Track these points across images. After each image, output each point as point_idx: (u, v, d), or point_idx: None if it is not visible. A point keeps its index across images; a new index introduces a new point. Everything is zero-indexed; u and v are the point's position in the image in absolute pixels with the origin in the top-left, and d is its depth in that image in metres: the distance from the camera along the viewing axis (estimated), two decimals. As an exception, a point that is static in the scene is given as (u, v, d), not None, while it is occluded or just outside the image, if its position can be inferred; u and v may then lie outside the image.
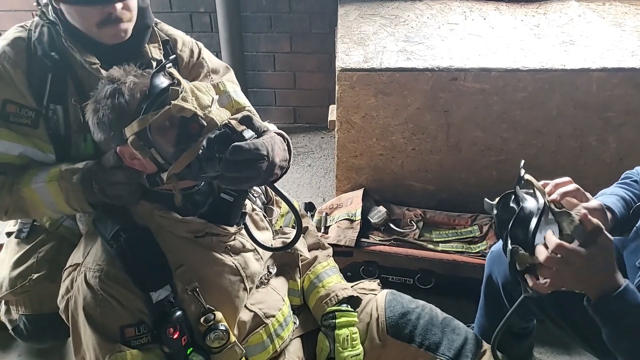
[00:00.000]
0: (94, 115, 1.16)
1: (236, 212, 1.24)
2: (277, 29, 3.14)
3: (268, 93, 3.37)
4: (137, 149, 1.10)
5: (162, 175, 1.14)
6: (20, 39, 1.36)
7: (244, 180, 1.08)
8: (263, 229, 1.37)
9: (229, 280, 1.23)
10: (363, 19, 2.51)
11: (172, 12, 3.10)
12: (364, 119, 2.19)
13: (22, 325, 1.63)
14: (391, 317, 1.39)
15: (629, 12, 2.45)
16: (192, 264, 1.19)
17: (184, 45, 1.57)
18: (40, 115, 1.34)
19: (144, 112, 1.09)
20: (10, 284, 1.55)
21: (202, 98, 1.13)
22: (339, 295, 1.43)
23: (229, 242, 1.24)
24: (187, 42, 1.57)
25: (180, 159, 1.09)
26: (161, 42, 1.51)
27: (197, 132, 1.10)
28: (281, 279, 1.42)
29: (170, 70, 1.17)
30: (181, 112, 1.09)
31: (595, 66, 1.99)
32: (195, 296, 1.18)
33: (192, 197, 1.23)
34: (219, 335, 1.17)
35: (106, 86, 1.14)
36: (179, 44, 1.57)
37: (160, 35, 1.51)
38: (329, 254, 1.60)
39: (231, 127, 1.09)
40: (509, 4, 2.63)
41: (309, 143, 3.29)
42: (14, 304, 1.61)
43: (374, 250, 2.05)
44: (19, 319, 1.63)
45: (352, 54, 2.17)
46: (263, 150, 1.07)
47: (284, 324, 1.33)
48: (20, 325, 1.63)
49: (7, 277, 1.55)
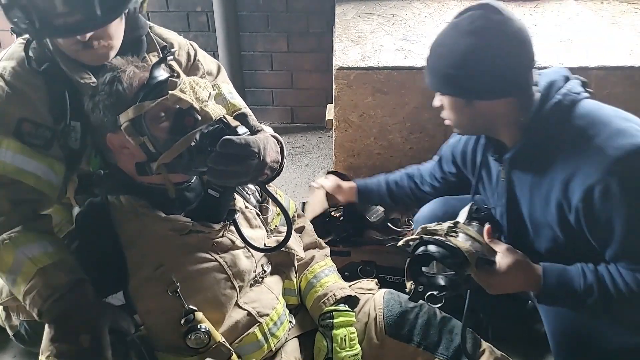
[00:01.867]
0: (91, 100, 1.16)
1: (223, 208, 1.24)
2: (274, 28, 3.13)
3: (265, 93, 3.36)
4: (129, 135, 1.10)
5: (151, 165, 1.13)
6: (30, 58, 1.28)
7: (231, 174, 1.08)
8: (256, 227, 1.36)
9: (213, 279, 1.22)
10: (360, 17, 2.51)
11: (168, 11, 3.09)
12: (362, 118, 2.18)
13: (23, 330, 1.62)
14: (389, 317, 1.38)
15: (626, 11, 2.45)
16: (174, 263, 1.19)
17: (180, 49, 1.55)
18: (55, 135, 1.28)
19: (140, 100, 1.10)
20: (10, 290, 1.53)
21: (200, 92, 1.14)
22: (336, 295, 1.42)
23: (216, 239, 1.24)
24: (183, 45, 1.56)
25: (171, 148, 1.10)
26: (160, 49, 1.48)
27: (191, 125, 1.11)
28: (276, 277, 1.41)
29: (171, 63, 1.17)
30: (178, 102, 1.10)
31: (593, 64, 1.99)
32: (176, 297, 1.17)
33: (182, 193, 1.22)
34: (199, 336, 1.16)
35: (106, 73, 1.16)
36: (175, 48, 1.55)
37: (157, 42, 1.48)
38: (327, 253, 1.59)
39: (226, 122, 1.10)
40: (506, 3, 2.61)
41: (306, 143, 3.28)
42: (15, 310, 1.60)
43: (372, 249, 2.04)
44: (20, 325, 1.62)
45: (349, 52, 2.16)
46: (254, 147, 1.07)
47: (278, 323, 1.32)
48: (21, 331, 1.63)
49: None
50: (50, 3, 1.13)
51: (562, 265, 1.20)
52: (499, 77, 1.19)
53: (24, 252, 1.15)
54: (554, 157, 1.21)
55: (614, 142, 1.10)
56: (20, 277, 1.14)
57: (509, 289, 1.20)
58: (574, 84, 1.24)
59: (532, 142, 1.23)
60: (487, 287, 1.21)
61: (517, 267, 1.17)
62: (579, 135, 1.16)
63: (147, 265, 1.18)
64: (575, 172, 1.15)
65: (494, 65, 1.18)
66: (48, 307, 1.10)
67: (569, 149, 1.17)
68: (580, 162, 1.14)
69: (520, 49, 1.19)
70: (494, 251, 1.20)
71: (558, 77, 1.24)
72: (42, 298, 1.11)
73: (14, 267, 1.15)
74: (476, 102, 1.23)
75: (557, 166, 1.19)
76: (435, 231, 1.20)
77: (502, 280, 1.18)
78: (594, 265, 1.17)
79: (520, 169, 1.30)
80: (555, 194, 1.20)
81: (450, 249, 1.16)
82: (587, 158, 1.13)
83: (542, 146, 1.22)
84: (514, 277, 1.17)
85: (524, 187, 1.30)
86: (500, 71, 1.18)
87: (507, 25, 1.18)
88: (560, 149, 1.19)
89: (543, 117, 1.20)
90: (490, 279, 1.19)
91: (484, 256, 1.19)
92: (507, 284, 1.19)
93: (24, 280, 1.13)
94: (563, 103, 1.19)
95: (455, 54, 1.20)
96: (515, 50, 1.19)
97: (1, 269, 1.17)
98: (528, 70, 1.21)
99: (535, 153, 1.24)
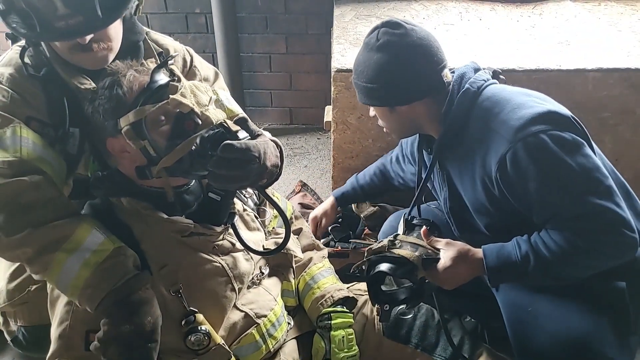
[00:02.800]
0: (91, 104, 1.16)
1: (224, 211, 1.24)
2: (273, 30, 3.13)
3: (264, 94, 3.36)
4: (130, 139, 1.10)
5: (152, 169, 1.13)
6: (28, 65, 1.27)
7: (232, 179, 1.08)
8: (254, 230, 1.37)
9: (215, 281, 1.22)
10: (359, 19, 2.51)
11: (167, 12, 3.09)
12: (360, 119, 2.18)
13: (21, 336, 1.62)
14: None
15: (624, 13, 2.45)
16: (176, 264, 1.19)
17: (176, 55, 1.55)
18: (56, 139, 1.28)
19: (141, 104, 1.10)
20: (8, 296, 1.53)
21: (200, 96, 1.14)
22: (334, 296, 1.43)
23: (217, 241, 1.24)
24: (178, 51, 1.55)
25: (172, 152, 1.10)
26: (157, 55, 1.47)
27: (192, 129, 1.11)
28: (274, 279, 1.41)
29: (172, 67, 1.17)
30: (179, 106, 1.10)
31: (591, 66, 1.99)
32: (177, 297, 1.17)
33: (181, 196, 1.23)
34: (199, 338, 1.17)
35: (106, 77, 1.16)
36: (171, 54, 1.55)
37: (155, 48, 1.48)
38: (324, 255, 1.59)
39: (226, 126, 1.09)
40: (504, 5, 2.63)
41: (305, 144, 3.29)
42: (12, 316, 1.60)
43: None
44: (18, 330, 1.62)
45: (347, 54, 2.16)
46: (254, 152, 1.07)
47: (276, 324, 1.32)
48: (19, 337, 1.62)
49: (5, 289, 1.54)
50: (51, 6, 1.13)
51: (500, 243, 1.26)
52: (411, 83, 1.32)
53: (100, 230, 1.16)
54: (470, 140, 1.31)
55: (515, 114, 1.22)
56: (94, 254, 1.12)
57: (460, 279, 1.27)
58: (481, 74, 1.36)
59: (450, 130, 1.34)
60: (440, 284, 1.26)
61: (459, 257, 1.24)
62: (486, 114, 1.27)
63: (151, 265, 1.18)
64: (489, 148, 1.25)
65: (402, 74, 1.31)
66: (121, 285, 1.10)
67: (481, 129, 1.28)
68: (490, 138, 1.24)
69: (423, 56, 1.31)
70: (437, 249, 1.27)
71: (468, 69, 1.37)
72: (120, 274, 1.11)
73: (89, 244, 1.13)
74: (397, 107, 1.37)
75: (474, 147, 1.30)
76: (379, 249, 1.27)
77: (450, 273, 1.24)
78: (527, 236, 1.24)
79: (448, 157, 1.41)
80: (479, 172, 1.30)
81: (395, 260, 1.23)
82: (495, 133, 1.23)
83: (459, 132, 1.33)
84: (459, 267, 1.24)
85: (456, 174, 1.41)
86: (409, 78, 1.31)
87: (409, 37, 1.30)
88: (474, 131, 1.30)
89: (455, 106, 1.31)
90: (439, 275, 1.24)
91: (428, 256, 1.25)
92: (456, 274, 1.25)
93: (99, 257, 1.12)
94: (470, 90, 1.31)
95: (369, 69, 1.34)
96: (419, 57, 1.31)
97: (69, 246, 1.13)
98: (439, 72, 1.33)
99: (455, 140, 1.35)
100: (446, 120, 1.33)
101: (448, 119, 1.33)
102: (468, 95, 1.31)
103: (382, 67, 1.32)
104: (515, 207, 1.25)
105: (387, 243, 1.28)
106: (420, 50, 1.30)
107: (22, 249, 1.14)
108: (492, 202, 1.31)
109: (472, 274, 1.26)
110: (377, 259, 1.25)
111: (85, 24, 1.17)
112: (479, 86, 1.32)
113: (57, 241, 1.13)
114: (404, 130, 1.47)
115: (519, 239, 1.24)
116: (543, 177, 1.17)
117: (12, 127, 1.20)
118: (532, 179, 1.18)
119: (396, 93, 1.34)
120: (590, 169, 1.17)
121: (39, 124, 1.25)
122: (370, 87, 1.35)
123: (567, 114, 1.23)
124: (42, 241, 1.13)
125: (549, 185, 1.18)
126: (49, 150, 1.25)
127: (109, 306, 1.09)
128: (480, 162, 1.28)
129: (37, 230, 1.13)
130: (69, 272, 1.11)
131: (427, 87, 1.33)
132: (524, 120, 1.19)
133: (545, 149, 1.16)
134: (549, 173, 1.17)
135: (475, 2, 2.66)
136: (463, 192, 1.41)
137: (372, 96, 1.38)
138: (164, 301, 1.17)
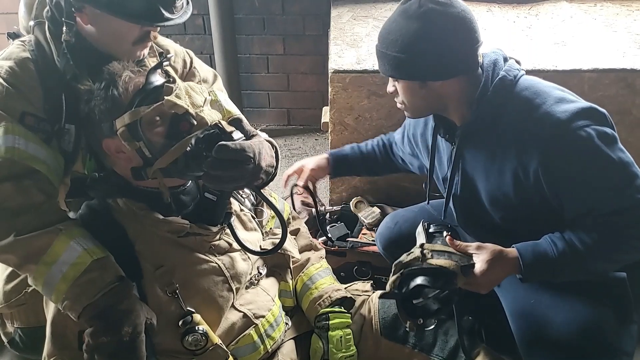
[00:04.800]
0: (87, 104, 1.16)
1: (220, 211, 1.25)
2: (270, 31, 3.14)
3: (262, 95, 3.37)
4: (125, 140, 1.11)
5: (147, 170, 1.14)
6: (28, 59, 1.28)
7: (227, 179, 1.09)
8: (251, 230, 1.37)
9: (212, 281, 1.23)
10: (356, 20, 2.52)
11: (165, 14, 3.08)
12: (357, 120, 2.19)
13: (18, 338, 1.61)
14: (385, 319, 1.39)
15: (620, 13, 2.46)
16: (173, 264, 1.19)
17: (176, 56, 1.56)
18: (52, 135, 1.28)
19: (136, 105, 1.10)
20: (5, 297, 1.53)
21: (195, 97, 1.14)
22: (332, 296, 1.43)
23: (213, 241, 1.24)
24: (179, 53, 1.56)
25: (167, 154, 1.10)
26: (157, 54, 1.48)
27: (187, 130, 1.11)
28: (271, 279, 1.41)
29: (167, 68, 1.18)
30: (174, 108, 1.11)
31: (586, 67, 2.00)
32: (174, 298, 1.17)
33: (178, 196, 1.23)
34: (196, 338, 1.17)
35: (103, 78, 1.16)
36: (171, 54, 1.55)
37: (156, 49, 1.49)
38: (322, 255, 1.59)
39: (221, 127, 1.10)
40: (501, 6, 2.64)
41: (302, 145, 3.29)
42: (9, 318, 1.60)
43: (367, 250, 2.05)
44: (15, 332, 1.62)
45: (344, 55, 2.17)
46: (249, 152, 1.08)
47: (274, 325, 1.33)
48: (16, 338, 1.62)
49: (1, 290, 1.53)
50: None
51: (532, 241, 1.26)
52: (448, 57, 1.26)
53: (79, 243, 1.14)
54: (503, 128, 1.28)
55: (559, 107, 1.20)
56: (72, 267, 1.12)
57: (496, 281, 1.26)
58: (513, 62, 1.34)
59: (481, 117, 1.30)
60: (477, 289, 1.24)
61: (493, 258, 1.22)
62: (528, 105, 1.24)
63: (146, 266, 1.18)
64: (529, 139, 1.22)
65: (442, 46, 1.25)
66: (99, 299, 1.10)
67: (522, 119, 1.24)
68: (531, 129, 1.22)
69: (465, 30, 1.26)
70: (467, 255, 1.25)
71: (498, 56, 1.33)
72: (97, 288, 1.10)
73: (66, 257, 1.12)
74: (430, 83, 1.30)
75: (510, 136, 1.26)
76: (410, 262, 1.22)
77: (487, 276, 1.22)
78: (559, 233, 1.23)
79: (471, 144, 1.36)
80: (511, 162, 1.26)
81: (435, 272, 1.18)
82: (539, 124, 1.21)
83: (491, 120, 1.29)
84: (495, 268, 1.22)
85: (477, 162, 1.36)
86: (449, 51, 1.25)
87: (454, 7, 1.25)
88: (511, 121, 1.27)
89: (491, 92, 1.27)
90: (477, 280, 1.22)
91: (464, 263, 1.22)
92: (493, 277, 1.23)
93: (76, 270, 1.11)
94: (507, 78, 1.28)
95: (405, 38, 1.26)
96: (461, 31, 1.26)
97: (47, 259, 1.13)
98: (474, 50, 1.29)
99: (484, 127, 1.31)
100: (479, 106, 1.29)
101: (482, 105, 1.28)
102: (505, 83, 1.27)
103: (421, 36, 1.23)
104: (544, 201, 1.25)
105: (419, 254, 1.22)
106: (462, 24, 1.25)
107: (7, 255, 1.16)
108: (519, 193, 1.28)
109: (507, 273, 1.25)
110: (409, 272, 1.20)
111: (162, 15, 1.24)
112: (515, 75, 1.29)
113: (37, 253, 1.14)
114: (427, 108, 1.39)
115: (552, 236, 1.24)
116: (588, 171, 1.18)
117: (4, 126, 1.20)
118: (577, 172, 1.19)
119: (432, 66, 1.26)
120: (629, 163, 1.19)
121: (35, 119, 1.25)
122: (403, 57, 1.26)
123: (604, 111, 1.23)
124: (23, 251, 1.15)
125: (593, 178, 1.18)
126: (43, 148, 1.24)
127: (88, 318, 1.10)
128: (515, 153, 1.25)
129: (20, 239, 1.14)
130: (50, 282, 1.13)
131: (464, 65, 1.28)
132: (569, 113, 1.18)
133: (591, 143, 1.16)
134: (594, 167, 1.18)
135: (471, 3, 2.67)
136: (480, 181, 1.37)
137: (403, 68, 1.29)
138: (159, 302, 1.17)
